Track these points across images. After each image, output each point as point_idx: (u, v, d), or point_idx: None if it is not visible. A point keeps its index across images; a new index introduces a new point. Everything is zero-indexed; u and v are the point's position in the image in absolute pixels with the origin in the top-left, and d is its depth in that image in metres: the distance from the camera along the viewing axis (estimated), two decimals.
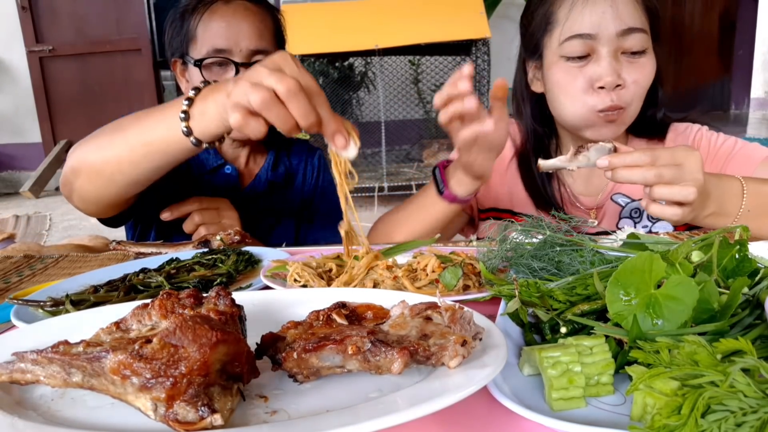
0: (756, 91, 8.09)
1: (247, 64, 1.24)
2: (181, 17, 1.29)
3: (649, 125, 1.23)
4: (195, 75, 1.27)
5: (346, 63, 4.95)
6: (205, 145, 0.90)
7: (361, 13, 4.45)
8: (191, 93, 0.89)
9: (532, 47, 1.22)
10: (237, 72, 1.23)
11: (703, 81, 8.17)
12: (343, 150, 0.79)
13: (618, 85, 1.09)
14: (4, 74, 6.00)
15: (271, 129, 1.49)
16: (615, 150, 0.95)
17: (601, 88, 1.09)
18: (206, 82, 0.93)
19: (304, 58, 4.53)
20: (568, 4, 1.12)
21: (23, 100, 5.98)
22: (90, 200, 1.09)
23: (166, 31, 1.35)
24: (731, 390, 0.40)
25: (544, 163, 0.98)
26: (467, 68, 0.91)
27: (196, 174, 1.39)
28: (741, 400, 0.39)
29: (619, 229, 1.21)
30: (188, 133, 0.88)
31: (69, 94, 5.94)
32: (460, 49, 4.53)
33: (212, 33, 1.24)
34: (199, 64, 1.24)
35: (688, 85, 8.10)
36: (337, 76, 4.87)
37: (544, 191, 1.25)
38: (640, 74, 1.10)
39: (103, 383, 0.46)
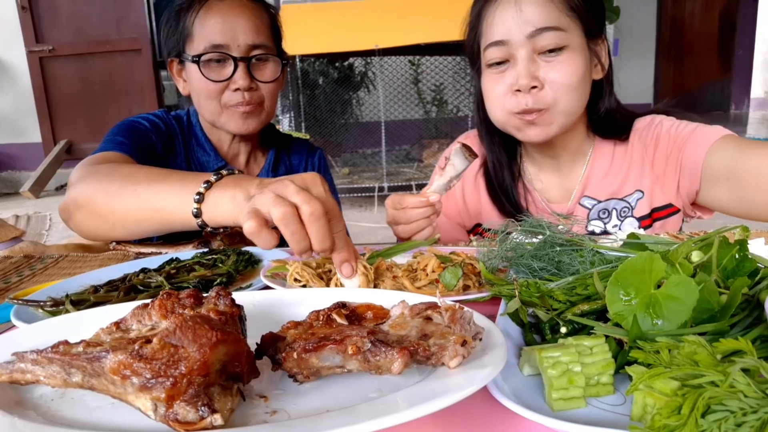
0: (756, 91, 8.10)
1: (246, 59, 1.24)
2: (177, 16, 1.28)
3: (610, 124, 1.22)
4: (193, 73, 1.26)
5: (346, 63, 4.96)
6: (209, 229, 0.89)
7: (361, 13, 4.46)
8: (213, 178, 0.87)
9: (471, 60, 1.24)
10: (235, 68, 1.23)
11: (703, 81, 8.17)
12: (348, 279, 0.80)
13: (534, 87, 1.09)
14: (4, 74, 6.00)
15: (271, 128, 1.49)
16: (468, 150, 0.98)
17: (518, 91, 1.10)
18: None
19: (304, 58, 4.53)
20: (485, 14, 1.14)
21: (23, 100, 5.99)
22: (86, 234, 1.09)
23: (161, 31, 1.34)
24: (731, 390, 0.40)
25: (430, 190, 1.02)
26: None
27: None
28: (741, 400, 0.39)
29: (589, 232, 1.21)
30: (197, 214, 0.87)
31: (69, 94, 5.95)
32: (460, 49, 4.53)
33: (209, 29, 1.23)
34: (197, 60, 1.23)
35: (688, 85, 8.10)
36: (337, 76, 4.88)
37: (507, 200, 1.26)
38: (557, 73, 1.08)
39: (103, 383, 0.46)
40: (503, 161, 1.28)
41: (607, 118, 1.21)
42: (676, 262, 0.57)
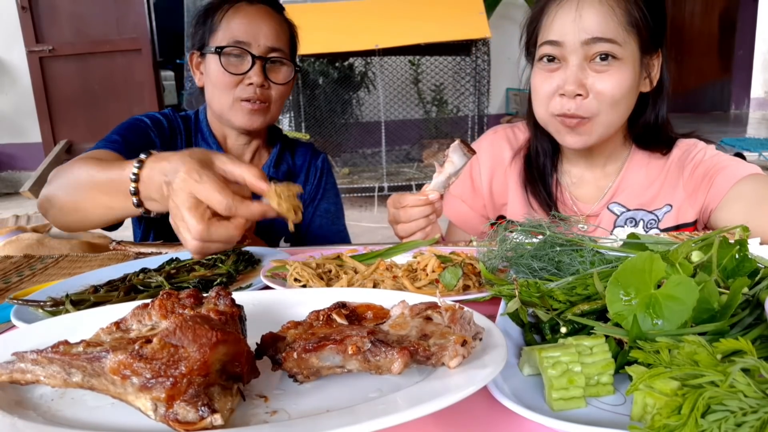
0: (756, 91, 8.10)
1: (263, 59, 1.32)
2: (206, 13, 1.38)
3: (653, 137, 1.24)
4: (212, 64, 1.33)
5: (346, 63, 4.95)
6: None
7: (361, 13, 4.45)
8: (132, 178, 0.89)
9: (527, 53, 1.25)
10: (253, 64, 1.30)
11: (703, 81, 8.17)
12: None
13: (579, 95, 1.10)
14: (4, 74, 6.00)
15: (276, 130, 1.53)
16: (466, 146, 0.98)
17: (563, 95, 1.12)
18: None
19: (304, 58, 4.53)
20: (549, 11, 1.15)
21: (23, 100, 5.98)
22: (63, 227, 1.14)
23: (186, 29, 1.46)
24: (731, 390, 0.40)
25: (429, 188, 1.03)
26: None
27: None
28: (741, 400, 0.39)
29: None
30: (147, 212, 0.91)
31: (69, 94, 5.93)
32: (460, 49, 4.53)
33: (234, 27, 1.33)
34: (220, 51, 1.31)
35: (688, 85, 8.10)
36: (337, 76, 4.87)
37: (543, 187, 1.27)
38: (604, 85, 1.09)
39: (103, 383, 0.46)
40: (547, 149, 1.29)
41: (650, 130, 1.23)
42: (676, 262, 0.57)
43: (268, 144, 1.51)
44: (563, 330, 0.57)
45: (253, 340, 0.52)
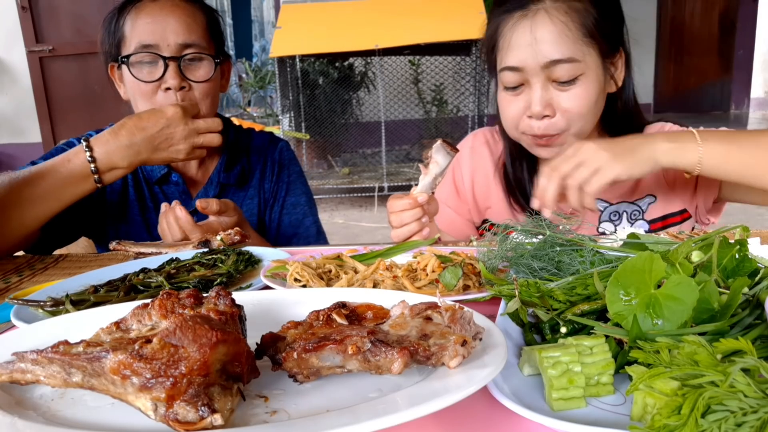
0: (756, 91, 8.10)
1: (176, 59, 1.22)
2: (110, 20, 1.28)
3: (624, 129, 1.22)
4: (127, 75, 1.24)
5: (346, 63, 4.96)
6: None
7: (361, 13, 4.46)
8: (90, 160, 1.13)
9: (488, 65, 1.24)
10: (166, 68, 1.21)
11: (703, 81, 8.17)
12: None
13: (546, 116, 1.10)
14: (4, 74, 6.00)
15: (226, 124, 1.45)
16: (449, 145, 0.99)
17: (531, 116, 1.12)
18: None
19: (304, 58, 4.53)
20: (503, 33, 1.13)
21: (23, 100, 5.99)
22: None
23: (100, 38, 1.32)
24: (731, 390, 0.40)
25: (417, 191, 1.03)
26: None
27: (146, 185, 1.37)
28: (741, 400, 0.39)
29: (600, 232, 1.22)
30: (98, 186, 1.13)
31: (69, 94, 5.94)
32: (460, 49, 4.54)
33: (139, 30, 1.23)
34: (125, 60, 1.21)
35: (689, 85, 8.10)
36: (337, 76, 4.87)
37: (521, 193, 1.27)
38: (570, 103, 1.09)
39: (103, 383, 0.46)
40: (522, 155, 1.28)
41: (621, 123, 1.22)
42: (676, 262, 0.57)
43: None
44: (563, 330, 0.57)
45: (253, 340, 0.52)
